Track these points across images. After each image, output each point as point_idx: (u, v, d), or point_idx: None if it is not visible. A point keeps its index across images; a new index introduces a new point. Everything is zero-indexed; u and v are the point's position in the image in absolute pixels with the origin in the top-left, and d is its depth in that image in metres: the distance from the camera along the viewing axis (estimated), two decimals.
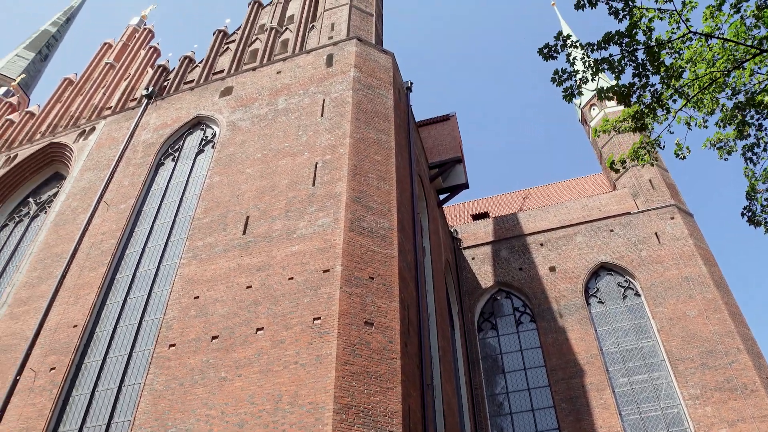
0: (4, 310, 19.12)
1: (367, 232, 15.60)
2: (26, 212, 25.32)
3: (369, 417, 12.08)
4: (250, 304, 14.59)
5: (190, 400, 13.37)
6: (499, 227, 29.48)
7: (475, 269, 28.11)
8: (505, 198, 36.19)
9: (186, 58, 27.74)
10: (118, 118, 25.68)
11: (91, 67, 32.74)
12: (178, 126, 22.90)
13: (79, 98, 30.04)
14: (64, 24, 55.15)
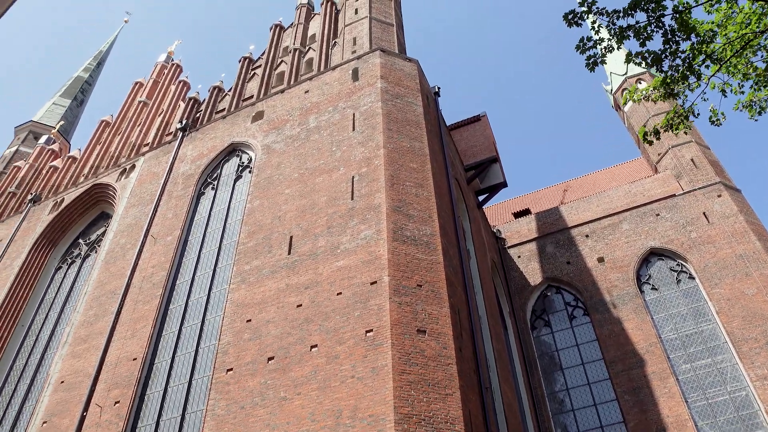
0: (66, 350, 19.68)
1: (410, 240, 15.59)
2: (78, 253, 26.08)
3: (430, 425, 12.02)
4: (301, 322, 14.70)
5: (252, 422, 13.51)
6: (542, 222, 29.14)
7: (522, 267, 27.81)
8: (546, 192, 35.79)
9: (215, 88, 28.28)
10: (156, 154, 26.30)
11: (126, 106, 33.64)
12: (215, 155, 23.33)
13: (117, 138, 30.87)
14: (96, 68, 56.72)
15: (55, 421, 17.59)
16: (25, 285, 25.41)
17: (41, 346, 22.76)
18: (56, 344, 22.03)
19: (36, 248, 26.61)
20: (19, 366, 22.82)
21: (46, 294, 25.37)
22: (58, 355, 19.96)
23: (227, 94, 27.67)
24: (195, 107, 28.19)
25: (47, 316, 24.03)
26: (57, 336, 22.53)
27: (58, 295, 24.68)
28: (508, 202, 37.03)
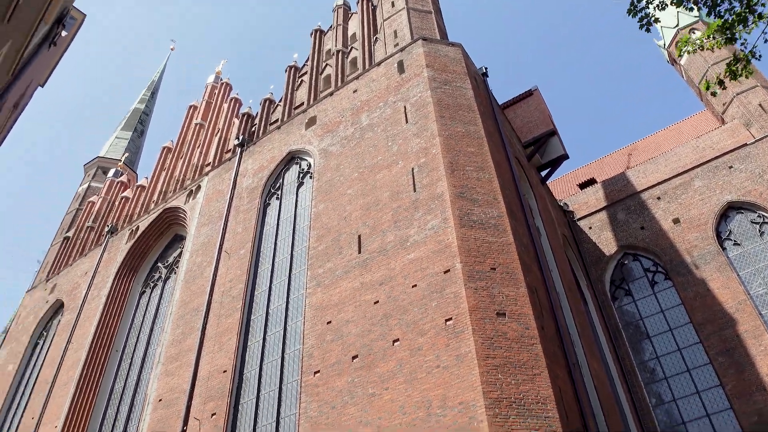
0: (160, 369, 20.52)
1: (478, 224, 15.52)
2: (158, 276, 27.13)
3: (522, 406, 11.96)
4: (381, 318, 14.86)
5: (345, 420, 13.76)
6: (610, 190, 28.42)
7: (595, 238, 27.22)
8: (609, 159, 34.87)
9: (266, 101, 28.80)
10: (218, 172, 27.04)
11: (184, 130, 34.69)
12: (274, 166, 23.80)
13: (180, 162, 31.89)
14: (150, 98, 58.67)
15: None
16: (113, 312, 26.64)
17: (136, 368, 23.83)
18: (150, 364, 23.01)
19: (119, 276, 27.84)
20: (119, 388, 23.96)
21: (134, 318, 26.53)
22: (153, 374, 20.84)
23: (278, 105, 28.15)
24: (249, 122, 28.81)
25: (138, 338, 25.14)
26: (149, 357, 23.53)
27: (145, 318, 25.79)
28: (572, 174, 36.27)
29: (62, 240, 36.68)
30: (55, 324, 30.95)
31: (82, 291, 29.57)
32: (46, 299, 32.64)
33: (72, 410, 23.39)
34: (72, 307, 29.48)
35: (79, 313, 27.92)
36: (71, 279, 31.92)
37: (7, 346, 32.71)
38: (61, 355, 26.66)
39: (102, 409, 23.90)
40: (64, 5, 14.21)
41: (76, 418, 23.35)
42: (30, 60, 12.93)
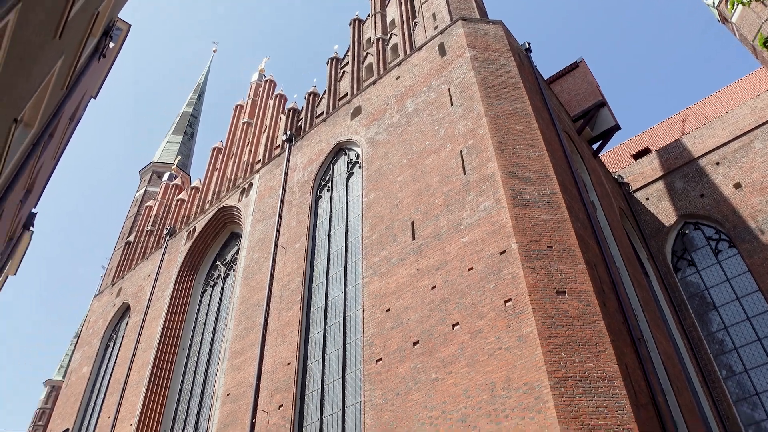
0: (226, 364, 21.05)
1: (531, 203, 15.32)
2: (218, 275, 27.78)
3: (588, 384, 11.81)
4: (439, 303, 14.86)
5: (409, 406, 13.85)
6: (666, 159, 27.62)
7: (653, 209, 26.53)
8: (663, 126, 33.85)
9: (310, 94, 29.00)
10: (269, 168, 27.43)
11: (232, 130, 35.28)
12: (323, 158, 23.99)
13: (230, 161, 32.47)
14: (198, 101, 59.87)
15: (229, 431, 18.88)
16: (178, 312, 27.44)
17: (203, 364, 24.51)
18: (216, 361, 23.63)
19: (180, 277, 28.63)
20: (188, 385, 24.70)
21: (198, 316, 27.27)
22: (219, 370, 21.40)
23: (323, 98, 28.31)
24: (295, 117, 29.08)
25: (203, 336, 25.83)
26: (215, 353, 24.16)
27: (208, 315, 26.48)
28: (625, 145, 35.39)
29: (124, 245, 37.90)
30: (123, 326, 32.08)
31: (146, 293, 30.54)
32: (113, 303, 33.85)
33: (145, 408, 24.25)
34: (138, 309, 30.49)
35: (145, 314, 28.86)
36: (135, 282, 32.99)
37: (81, 350, 34.10)
38: (131, 356, 27.63)
39: (173, 405, 24.70)
40: (110, 17, 14.59)
41: (150, 415, 24.20)
42: (82, 73, 13.34)
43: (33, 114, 10.22)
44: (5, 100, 7.12)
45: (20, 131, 10.06)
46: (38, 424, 54.16)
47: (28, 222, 18.67)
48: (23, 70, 7.41)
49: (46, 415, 53.83)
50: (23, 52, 6.90)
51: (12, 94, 7.40)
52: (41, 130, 11.17)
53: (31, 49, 7.28)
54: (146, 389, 24.79)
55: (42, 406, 56.70)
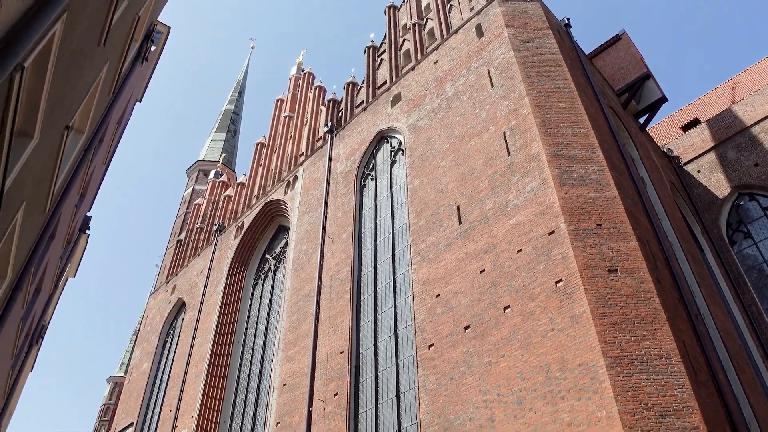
0: (280, 355, 21.42)
1: (578, 181, 15.08)
2: (268, 268, 28.23)
3: (645, 363, 11.61)
4: (489, 286, 14.80)
5: (464, 391, 13.86)
6: (716, 129, 26.76)
7: (705, 181, 25.78)
8: (712, 96, 32.78)
9: (349, 84, 29.06)
10: (312, 160, 27.66)
11: (274, 124, 35.64)
12: (365, 147, 24.06)
13: (274, 156, 32.85)
14: (238, 98, 60.66)
15: (286, 420, 19.25)
16: (231, 305, 28.02)
17: (258, 356, 25.00)
18: (270, 352, 24.07)
19: (232, 271, 29.19)
20: (244, 377, 25.24)
21: (251, 309, 27.79)
22: (274, 361, 21.79)
23: (362, 87, 28.33)
24: (335, 108, 29.20)
25: (256, 328, 26.34)
26: (269, 344, 24.61)
27: (260, 308, 26.96)
28: (673, 117, 34.41)
29: (176, 243, 38.82)
30: (179, 322, 32.93)
31: (199, 289, 31.25)
32: (169, 300, 34.76)
33: (204, 400, 24.90)
34: (193, 305, 31.24)
35: (200, 309, 29.54)
36: (189, 278, 33.78)
37: (140, 347, 35.16)
38: (188, 351, 28.36)
39: (231, 397, 25.29)
40: (150, 21, 14.88)
41: (209, 407, 24.84)
42: (126, 78, 13.66)
43: (83, 120, 10.53)
44: (56, 109, 7.36)
45: (72, 138, 10.39)
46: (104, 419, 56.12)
47: (84, 225, 19.30)
48: (71, 79, 7.65)
49: (111, 411, 55.73)
50: (70, 62, 7.12)
51: (62, 103, 7.64)
52: (91, 135, 11.50)
53: (77, 59, 7.50)
54: (205, 382, 25.43)
55: (106, 402, 58.72)
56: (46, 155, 7.69)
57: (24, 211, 7.40)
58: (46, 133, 7.09)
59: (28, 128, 6.44)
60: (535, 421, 12.03)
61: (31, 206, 7.95)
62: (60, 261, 16.25)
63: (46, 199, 8.87)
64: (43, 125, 6.81)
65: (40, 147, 7.00)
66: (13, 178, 6.00)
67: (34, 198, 7.93)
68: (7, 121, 4.93)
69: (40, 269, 11.45)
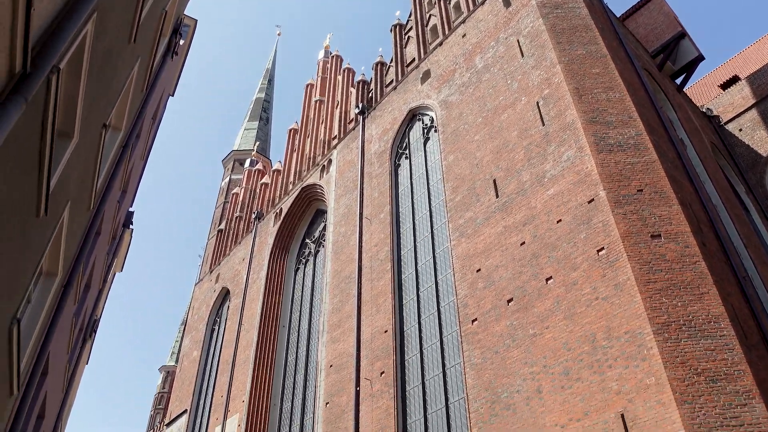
0: (325, 337, 21.71)
1: (616, 147, 14.80)
2: (308, 252, 28.53)
3: (693, 328, 11.43)
4: (529, 258, 14.71)
5: (509, 364, 13.87)
6: (757, 85, 25.89)
7: (747, 140, 25.04)
8: (751, 51, 31.68)
9: (377, 64, 28.93)
10: (345, 143, 27.73)
11: (305, 110, 35.78)
12: (398, 126, 24.00)
13: (307, 140, 33.02)
14: (268, 86, 60.97)
15: (335, 400, 19.55)
16: (274, 291, 28.45)
17: (304, 339, 25.38)
18: (315, 334, 24.41)
19: (273, 257, 29.59)
20: (292, 360, 25.68)
21: (294, 294, 28.18)
22: (320, 343, 22.10)
23: (390, 66, 28.19)
24: (365, 89, 29.14)
25: (300, 312, 26.70)
26: (314, 327, 24.95)
27: (303, 292, 27.31)
28: (711, 75, 33.40)
29: (217, 233, 39.47)
30: (225, 310, 33.60)
31: (242, 276, 31.78)
32: (213, 288, 35.45)
33: (254, 385, 25.43)
34: (237, 292, 31.81)
35: (244, 296, 30.07)
36: (231, 267, 34.37)
37: (189, 335, 36.01)
38: (235, 337, 28.95)
39: (280, 380, 25.77)
40: (177, 15, 15.03)
41: (259, 391, 25.37)
42: (158, 73, 13.85)
43: (119, 118, 10.74)
44: (93, 109, 7.52)
45: (110, 136, 10.61)
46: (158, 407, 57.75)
47: (127, 221, 19.74)
48: (105, 78, 7.79)
49: (165, 399, 57.31)
50: (103, 61, 7.25)
51: (98, 102, 7.80)
52: (128, 132, 11.73)
53: (109, 57, 7.64)
54: (253, 367, 25.95)
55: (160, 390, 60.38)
56: (87, 154, 7.88)
57: (70, 210, 7.61)
58: (84, 132, 7.26)
59: (67, 129, 6.60)
60: (583, 390, 11.98)
61: (76, 205, 8.17)
62: (107, 256, 16.69)
63: (89, 197, 9.10)
64: (82, 125, 6.97)
65: (80, 146, 7.18)
66: (57, 178, 6.18)
67: (78, 197, 8.14)
68: (47, 122, 5.06)
69: (88, 265, 11.78)
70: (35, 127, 4.85)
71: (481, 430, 13.85)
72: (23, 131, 4.48)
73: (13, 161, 4.42)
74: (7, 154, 4.20)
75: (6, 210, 4.60)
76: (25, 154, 4.76)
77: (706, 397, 10.46)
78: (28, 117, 4.49)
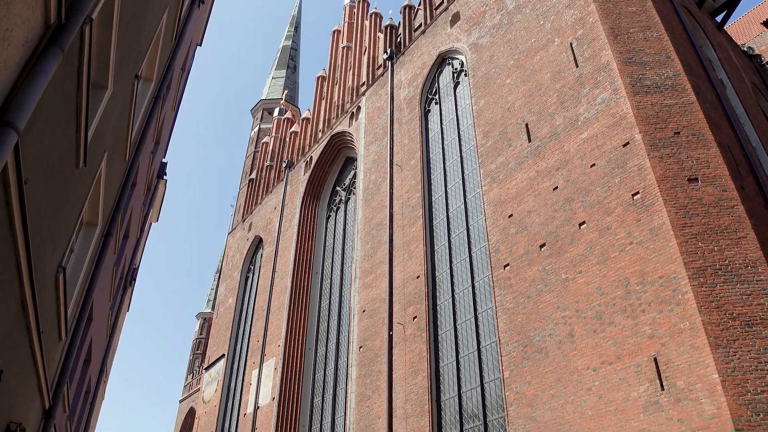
0: (358, 283, 22.01)
1: (653, 88, 14.40)
2: (339, 200, 28.68)
3: (729, 273, 11.30)
4: (562, 203, 14.58)
5: (542, 308, 13.94)
6: None
7: None
8: None
9: (405, 8, 28.32)
10: (374, 89, 27.45)
11: (333, 57, 35.38)
12: (427, 71, 23.63)
13: (336, 88, 32.77)
14: (295, 33, 60.23)
15: (368, 344, 19.95)
16: (306, 238, 28.81)
17: (336, 285, 25.78)
18: (348, 280, 24.76)
19: (304, 205, 29.84)
20: (325, 305, 26.16)
21: (326, 241, 28.50)
22: (352, 289, 22.43)
23: (419, 9, 27.57)
24: (393, 33, 28.62)
25: (333, 259, 27.05)
26: (346, 273, 25.29)
27: (335, 239, 27.61)
28: (753, 12, 32.03)
29: (248, 183, 39.83)
30: (258, 258, 34.19)
31: (275, 225, 32.17)
32: (246, 237, 36.01)
33: (289, 330, 26.05)
34: (269, 241, 32.27)
35: (277, 244, 30.51)
36: (264, 215, 34.79)
37: (224, 283, 36.82)
38: (269, 284, 29.52)
39: (314, 325, 26.33)
40: None
41: (294, 335, 26.00)
42: (186, 22, 13.76)
43: (150, 68, 10.77)
44: (125, 59, 7.54)
45: (142, 86, 10.67)
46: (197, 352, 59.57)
47: (161, 171, 20.00)
48: (135, 28, 7.78)
49: (203, 344, 59.05)
50: (133, 10, 7.23)
51: (130, 52, 7.82)
52: (159, 82, 11.76)
53: (138, 6, 7.61)
54: (288, 312, 26.53)
55: (197, 336, 62.16)
56: (121, 105, 7.95)
57: (107, 160, 7.73)
58: (118, 83, 7.30)
59: (101, 80, 6.65)
60: (616, 334, 12.02)
61: (113, 155, 8.30)
62: (143, 207, 17.00)
63: (125, 147, 9.22)
64: (115, 76, 7.01)
65: (114, 97, 7.23)
66: (94, 129, 6.26)
67: (114, 147, 8.25)
68: (82, 73, 5.10)
69: (126, 215, 12.03)
70: (71, 79, 4.90)
71: (512, 372, 14.05)
72: (60, 82, 4.53)
73: (53, 112, 4.49)
74: (48, 106, 4.26)
75: (49, 161, 4.70)
76: (64, 105, 4.82)
77: (741, 341, 10.42)
78: (65, 68, 4.52)
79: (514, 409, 13.65)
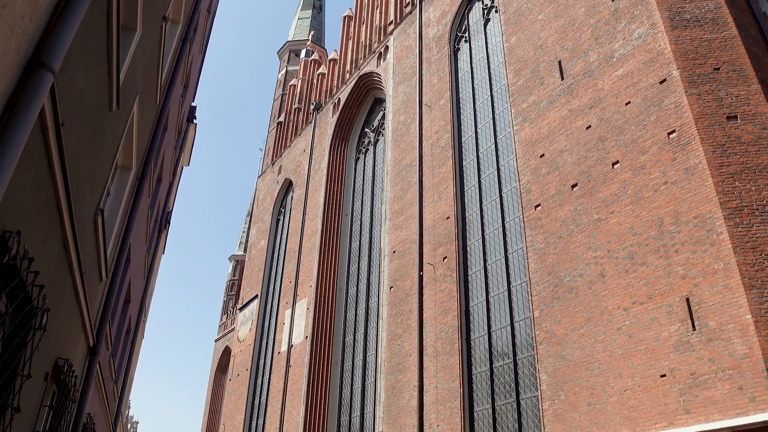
0: (388, 224, 22.13)
1: (692, 22, 13.86)
2: (368, 141, 28.57)
3: (766, 213, 11.09)
4: (596, 142, 14.33)
5: (573, 248, 13.90)
6: None
7: None
8: None
9: None
10: (402, 28, 26.89)
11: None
12: (456, 8, 23.02)
13: (362, 28, 32.15)
14: None
15: (399, 284, 20.19)
16: (336, 180, 28.91)
17: (367, 226, 25.97)
18: (378, 222, 24.91)
19: (333, 148, 29.81)
20: (355, 246, 26.43)
21: (355, 183, 28.57)
22: (383, 230, 22.58)
23: None
24: None
25: (362, 201, 27.16)
26: (376, 215, 25.42)
27: (365, 181, 27.65)
28: None
29: (276, 126, 39.80)
30: (288, 200, 34.48)
31: (304, 167, 32.28)
32: (276, 180, 36.25)
33: (320, 270, 26.45)
34: (299, 183, 32.46)
35: (307, 186, 30.68)
36: (293, 158, 34.88)
37: (255, 226, 37.33)
38: (300, 226, 29.85)
39: (345, 266, 26.69)
40: None
41: (325, 276, 26.41)
42: None
43: (176, 11, 10.67)
44: (152, 1, 7.48)
45: (169, 28, 10.60)
46: (230, 293, 60.97)
47: (191, 115, 20.06)
48: None
49: (236, 286, 60.36)
50: None
51: None
52: (186, 25, 11.67)
53: None
54: (319, 254, 26.89)
55: (230, 278, 63.47)
56: (150, 47, 7.92)
57: (138, 103, 7.76)
58: (146, 25, 7.27)
59: (130, 22, 6.62)
60: (648, 275, 11.97)
61: (144, 99, 8.33)
62: (174, 151, 17.13)
63: (155, 90, 9.24)
64: (143, 17, 6.97)
65: (143, 39, 7.21)
66: (125, 72, 6.27)
67: (145, 90, 8.28)
68: (112, 15, 5.07)
69: (159, 159, 12.16)
70: (101, 20, 4.88)
71: (542, 312, 14.15)
72: (91, 24, 4.51)
73: (85, 55, 4.50)
74: (80, 48, 4.27)
75: (84, 104, 4.74)
76: (95, 47, 4.82)
77: None
78: (94, 9, 4.50)
79: (544, 347, 13.81)
